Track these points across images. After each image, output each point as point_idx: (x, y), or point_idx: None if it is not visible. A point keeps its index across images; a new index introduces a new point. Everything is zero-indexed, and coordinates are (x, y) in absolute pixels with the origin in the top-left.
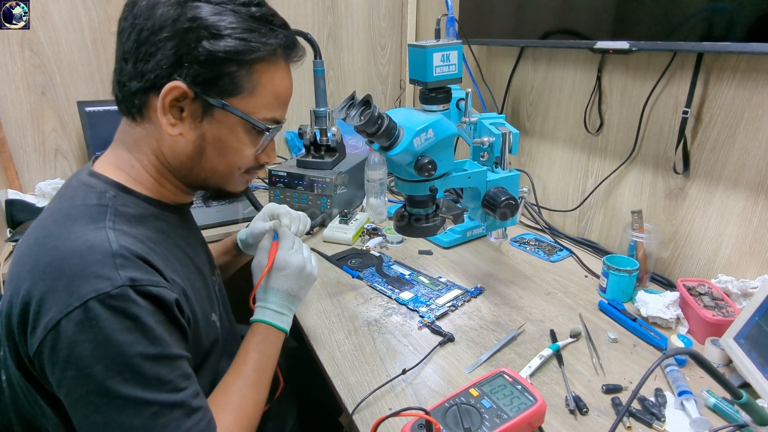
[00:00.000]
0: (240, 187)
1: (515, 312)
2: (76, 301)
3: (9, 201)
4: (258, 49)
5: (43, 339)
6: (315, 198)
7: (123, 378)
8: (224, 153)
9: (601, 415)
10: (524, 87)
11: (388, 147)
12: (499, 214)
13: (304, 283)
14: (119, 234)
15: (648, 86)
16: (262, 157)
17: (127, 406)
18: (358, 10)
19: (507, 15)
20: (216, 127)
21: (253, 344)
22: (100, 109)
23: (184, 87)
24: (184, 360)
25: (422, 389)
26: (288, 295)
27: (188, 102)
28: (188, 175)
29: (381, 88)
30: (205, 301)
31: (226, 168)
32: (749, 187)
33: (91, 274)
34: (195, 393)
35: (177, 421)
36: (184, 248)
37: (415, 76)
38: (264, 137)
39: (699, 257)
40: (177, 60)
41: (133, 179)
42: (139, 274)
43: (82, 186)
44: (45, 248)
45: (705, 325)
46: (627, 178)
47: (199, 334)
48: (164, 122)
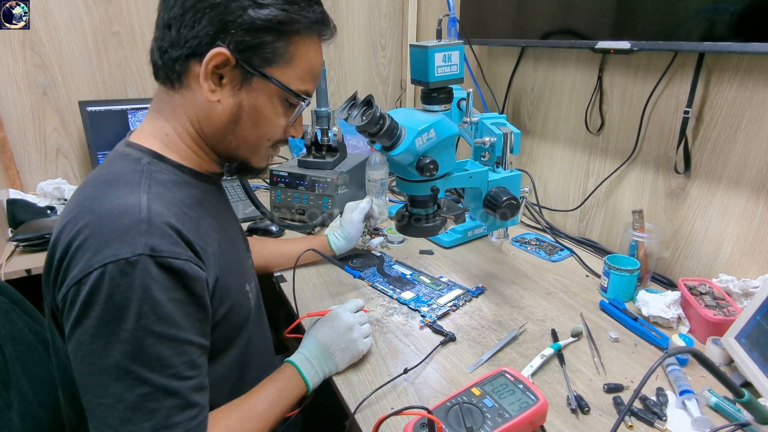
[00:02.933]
0: (263, 162)
1: (516, 311)
2: (97, 263)
3: (10, 201)
4: (298, 20)
5: (66, 293)
6: (316, 198)
7: (123, 348)
8: (258, 122)
9: (603, 414)
10: (525, 87)
11: (390, 147)
12: (500, 213)
13: (344, 346)
14: (153, 198)
15: (649, 86)
16: (290, 131)
17: (122, 376)
18: (359, 10)
19: (508, 15)
20: (253, 96)
21: (274, 380)
22: (102, 109)
23: (227, 53)
24: (195, 347)
25: (424, 389)
26: (324, 349)
27: (229, 69)
28: (220, 143)
29: (382, 88)
30: (239, 269)
31: (257, 138)
32: (750, 186)
33: (116, 239)
34: (198, 387)
35: (167, 411)
36: (217, 217)
37: (417, 77)
38: (297, 108)
39: (700, 257)
40: (221, 27)
41: (167, 147)
42: (163, 243)
43: (118, 155)
44: (83, 211)
45: (706, 325)
46: (628, 177)
47: (232, 301)
48: (205, 87)
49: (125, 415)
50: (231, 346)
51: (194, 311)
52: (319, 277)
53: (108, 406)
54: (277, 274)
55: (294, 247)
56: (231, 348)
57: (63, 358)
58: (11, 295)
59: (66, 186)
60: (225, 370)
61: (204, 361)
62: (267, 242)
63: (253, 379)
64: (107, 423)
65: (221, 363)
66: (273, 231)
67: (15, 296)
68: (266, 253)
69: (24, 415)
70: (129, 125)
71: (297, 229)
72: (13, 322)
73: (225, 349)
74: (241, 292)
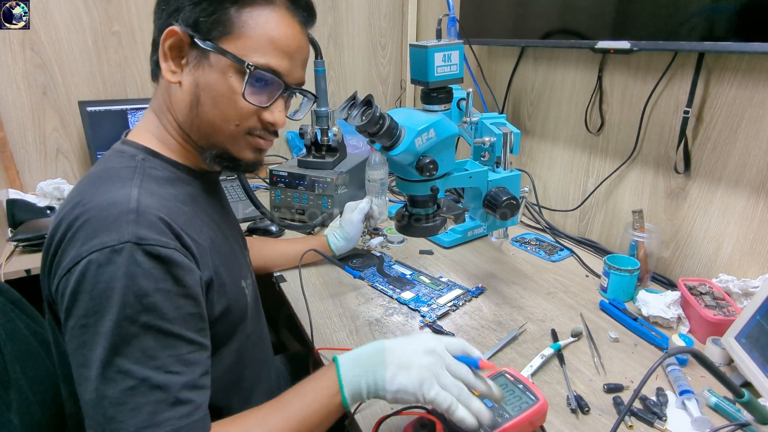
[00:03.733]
0: (246, 154)
1: (516, 311)
2: (85, 252)
3: (10, 201)
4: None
5: (58, 285)
6: (316, 198)
7: (108, 340)
8: (217, 101)
9: (603, 414)
10: (525, 87)
11: (390, 147)
12: (499, 213)
13: (407, 361)
14: (144, 192)
15: (649, 86)
16: (267, 115)
17: (105, 370)
18: (359, 10)
19: (508, 15)
20: (208, 72)
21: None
22: (101, 109)
23: (179, 31)
24: (184, 342)
25: None
26: (379, 352)
27: (187, 49)
28: (191, 129)
29: (381, 88)
30: (234, 265)
31: (221, 121)
32: (750, 186)
33: (104, 229)
34: (189, 384)
35: (154, 407)
36: (212, 215)
37: (417, 76)
38: (247, 78)
39: (700, 257)
40: (177, 6)
41: (161, 143)
42: (151, 232)
43: (114, 152)
44: (76, 205)
45: (706, 325)
46: (628, 177)
47: (227, 297)
48: (164, 68)
49: (109, 413)
50: (228, 342)
51: (184, 304)
52: (319, 277)
53: (94, 403)
54: (276, 274)
55: (293, 248)
56: (228, 344)
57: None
58: (10, 295)
59: (66, 186)
60: (222, 367)
61: (197, 358)
62: (266, 242)
63: (251, 375)
64: (95, 420)
65: (218, 359)
66: (273, 231)
67: (14, 296)
68: (266, 254)
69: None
70: (129, 125)
71: (297, 229)
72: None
73: (222, 345)
74: (237, 288)
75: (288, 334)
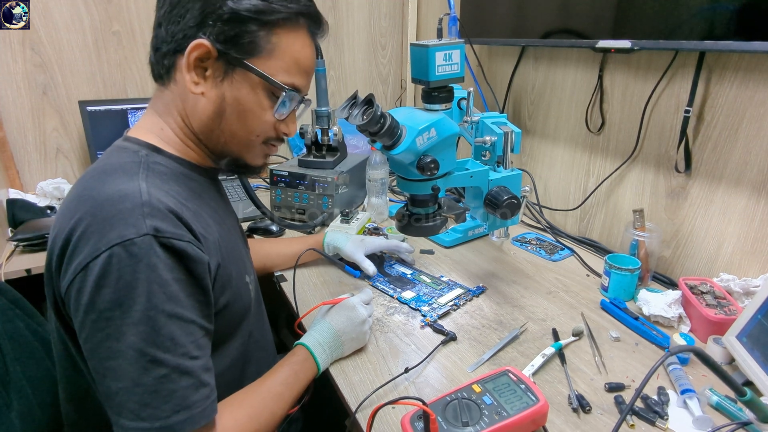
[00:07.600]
0: (258, 160)
1: (517, 311)
2: (104, 246)
3: (10, 200)
4: (279, 11)
5: (72, 281)
6: (316, 197)
7: (138, 330)
8: (243, 115)
9: (604, 414)
10: (525, 86)
11: (391, 146)
12: (500, 213)
13: (354, 336)
14: (151, 186)
15: (650, 85)
16: (282, 128)
17: (138, 359)
18: (359, 9)
19: (508, 14)
20: (236, 88)
21: (289, 363)
22: (102, 109)
23: (208, 45)
24: (197, 328)
25: (425, 388)
26: (336, 336)
27: (212, 62)
28: (209, 138)
29: (382, 87)
30: (238, 260)
31: (244, 133)
32: (751, 185)
33: (119, 221)
34: (206, 367)
35: (185, 391)
36: (216, 209)
37: (418, 76)
38: (282, 100)
39: (701, 256)
40: (202, 19)
41: (163, 141)
42: (166, 225)
43: (116, 149)
44: (82, 200)
45: (707, 324)
46: (628, 177)
47: (233, 291)
48: (188, 79)
49: (144, 399)
50: (233, 337)
51: (195, 292)
52: (319, 277)
53: (127, 390)
54: (277, 273)
55: (293, 248)
56: (233, 339)
57: (64, 355)
58: (11, 295)
59: (66, 186)
60: (227, 362)
61: (207, 342)
62: (266, 242)
63: (254, 372)
64: (128, 408)
65: (224, 354)
66: (273, 230)
67: (14, 296)
68: (266, 253)
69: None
70: (129, 125)
71: (297, 229)
72: (12, 322)
73: (227, 340)
74: (241, 282)
75: (288, 334)
